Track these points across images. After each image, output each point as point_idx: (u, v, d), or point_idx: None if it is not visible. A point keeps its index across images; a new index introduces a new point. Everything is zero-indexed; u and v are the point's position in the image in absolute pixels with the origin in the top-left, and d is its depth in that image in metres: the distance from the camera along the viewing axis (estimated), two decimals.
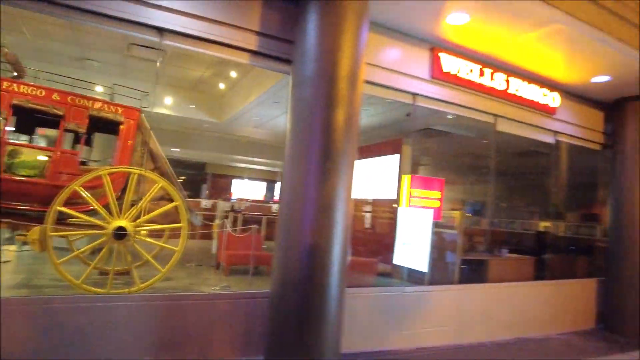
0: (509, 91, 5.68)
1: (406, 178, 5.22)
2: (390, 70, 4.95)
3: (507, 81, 5.66)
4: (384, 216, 6.67)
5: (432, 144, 8.71)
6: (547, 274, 6.70)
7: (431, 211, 6.01)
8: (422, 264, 5.82)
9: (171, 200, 4.86)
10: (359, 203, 7.01)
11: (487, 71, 5.47)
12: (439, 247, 5.91)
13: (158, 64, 4.18)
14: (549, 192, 8.73)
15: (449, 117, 6.17)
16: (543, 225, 11.11)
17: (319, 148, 3.54)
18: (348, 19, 3.66)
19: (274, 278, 3.68)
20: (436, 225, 5.94)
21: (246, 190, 14.77)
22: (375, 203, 6.87)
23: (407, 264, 5.73)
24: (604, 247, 7.06)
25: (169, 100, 7.71)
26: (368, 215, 7.01)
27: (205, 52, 4.11)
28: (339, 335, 3.61)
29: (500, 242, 9.90)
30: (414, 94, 5.09)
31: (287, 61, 4.10)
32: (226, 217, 7.82)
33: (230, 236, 6.33)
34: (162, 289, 5.07)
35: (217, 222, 7.22)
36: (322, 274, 3.48)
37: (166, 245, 5.03)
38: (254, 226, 5.26)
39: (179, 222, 4.73)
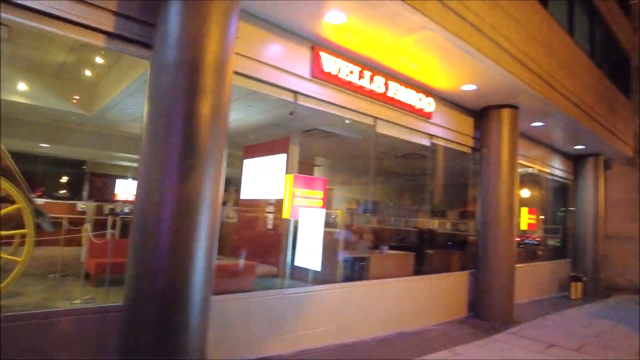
0: (388, 94, 5.89)
1: (289, 178, 5.11)
2: (272, 66, 4.79)
3: (386, 85, 5.87)
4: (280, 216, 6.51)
5: (323, 144, 8.80)
6: (426, 268, 7.12)
7: (323, 211, 6.02)
8: (314, 263, 5.81)
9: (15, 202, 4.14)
10: (262, 204, 6.77)
11: (367, 74, 5.60)
12: (323, 246, 5.89)
13: None
14: (433, 192, 9.38)
15: (347, 121, 6.23)
16: (428, 222, 11.96)
17: (180, 142, 3.22)
18: (215, 4, 3.39)
19: (127, 289, 3.26)
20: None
21: (134, 191, 13.53)
22: (276, 203, 6.70)
23: (300, 264, 5.67)
24: (476, 241, 7.74)
25: (23, 86, 6.58)
26: (271, 216, 6.81)
27: (50, 30, 3.52)
28: (203, 347, 3.32)
29: (388, 239, 10.40)
30: (295, 92, 4.99)
31: (148, 46, 3.70)
32: (93, 221, 7.01)
33: (96, 242, 5.62)
34: (8, 307, 4.27)
35: (86, 226, 6.40)
36: (182, 283, 3.16)
37: (6, 256, 4.26)
38: (110, 230, 4.70)
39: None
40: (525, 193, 11.23)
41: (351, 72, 5.39)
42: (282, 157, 5.96)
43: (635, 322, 7.75)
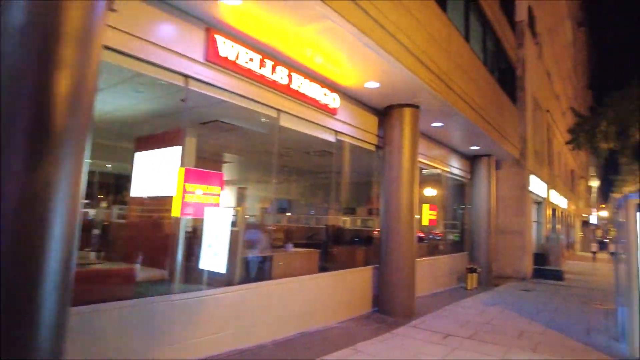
0: (291, 86, 5.68)
1: (180, 172, 4.66)
2: (161, 46, 4.30)
3: (290, 76, 5.65)
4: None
5: (230, 139, 8.36)
6: (332, 265, 7.05)
7: (230, 209, 5.66)
8: (214, 264, 5.40)
9: None
10: (155, 201, 6.13)
11: (269, 63, 5.32)
12: (222, 246, 5.51)
13: None
14: (344, 189, 9.40)
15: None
16: (338, 219, 12.05)
17: (27, 123, 2.64)
18: None
19: None
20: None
21: None
22: (170, 201, 6.11)
23: (201, 266, 5.26)
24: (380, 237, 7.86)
25: None
26: (164, 215, 6.18)
27: None
28: None
29: (298, 237, 10.25)
30: (186, 76, 4.54)
31: None
32: None
33: None
34: None
35: None
36: (28, 294, 2.59)
37: None
38: None
39: None
40: (427, 191, 11.84)
41: (251, 60, 5.07)
42: (177, 150, 5.47)
43: (518, 306, 8.47)
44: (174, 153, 5.42)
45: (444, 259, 10.94)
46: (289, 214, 15.88)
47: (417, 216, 10.49)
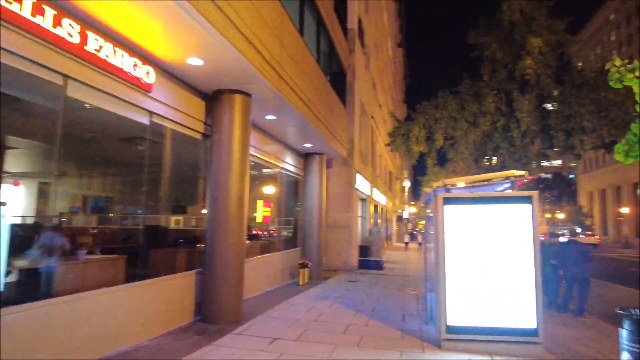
0: (86, 48, 4.44)
1: None
2: None
3: (84, 35, 4.40)
4: None
5: (7, 115, 6.38)
6: (146, 272, 5.94)
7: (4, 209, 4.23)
8: None
9: None
10: None
11: (50, 11, 4.01)
12: None
13: None
14: (170, 184, 8.21)
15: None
16: (165, 219, 10.71)
17: None
18: None
19: None
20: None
21: None
22: None
23: None
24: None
25: None
26: None
27: None
28: None
29: (109, 240, 8.67)
30: None
31: None
32: None
33: None
34: None
35: None
36: None
37: None
38: None
39: None
40: (263, 187, 11.48)
41: (19, 2, 3.71)
42: None
43: (345, 299, 8.71)
44: None
45: (277, 255, 10.72)
46: (111, 214, 13.65)
47: (254, 214, 10.06)
